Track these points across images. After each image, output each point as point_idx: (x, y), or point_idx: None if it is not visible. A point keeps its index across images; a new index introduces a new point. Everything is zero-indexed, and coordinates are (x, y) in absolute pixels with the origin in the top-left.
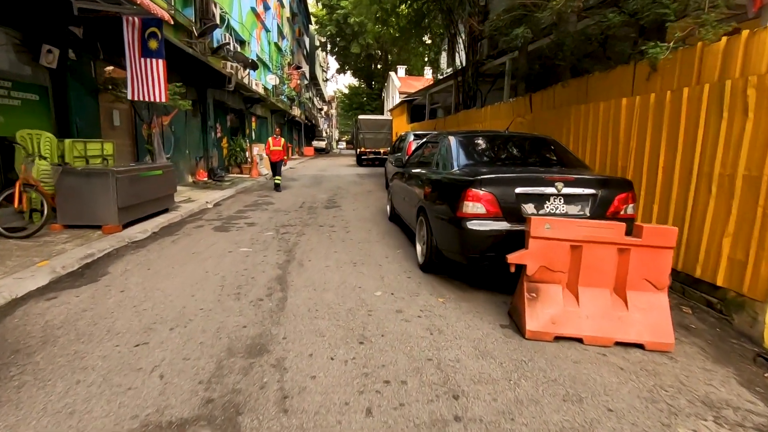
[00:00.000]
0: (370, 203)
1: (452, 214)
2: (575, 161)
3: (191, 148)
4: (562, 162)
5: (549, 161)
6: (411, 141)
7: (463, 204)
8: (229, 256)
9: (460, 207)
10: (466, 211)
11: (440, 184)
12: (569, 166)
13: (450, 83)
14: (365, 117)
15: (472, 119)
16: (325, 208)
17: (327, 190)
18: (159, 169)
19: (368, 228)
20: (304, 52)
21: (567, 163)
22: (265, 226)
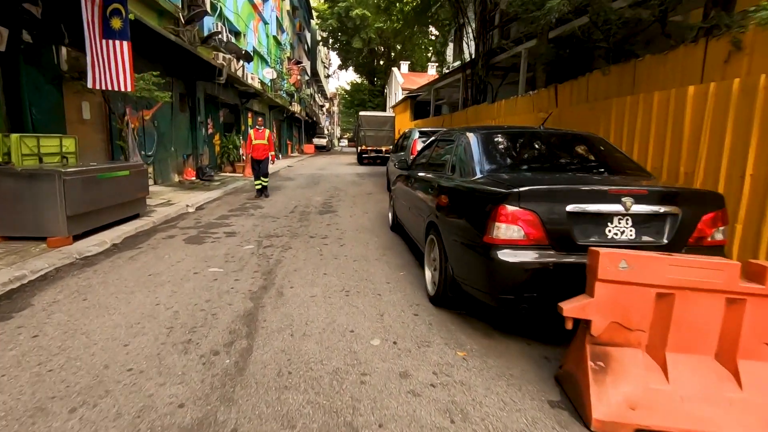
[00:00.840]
0: (369, 208)
1: (477, 238)
2: (632, 167)
3: (178, 145)
4: (615, 168)
5: (598, 166)
6: (416, 139)
7: (494, 225)
8: (193, 280)
9: (489, 229)
10: (498, 235)
11: (459, 196)
12: (626, 174)
13: (457, 77)
14: (367, 113)
15: (482, 115)
16: (320, 213)
17: (323, 191)
18: (125, 170)
19: (366, 240)
20: (305, 47)
21: (621, 169)
22: (247, 237)
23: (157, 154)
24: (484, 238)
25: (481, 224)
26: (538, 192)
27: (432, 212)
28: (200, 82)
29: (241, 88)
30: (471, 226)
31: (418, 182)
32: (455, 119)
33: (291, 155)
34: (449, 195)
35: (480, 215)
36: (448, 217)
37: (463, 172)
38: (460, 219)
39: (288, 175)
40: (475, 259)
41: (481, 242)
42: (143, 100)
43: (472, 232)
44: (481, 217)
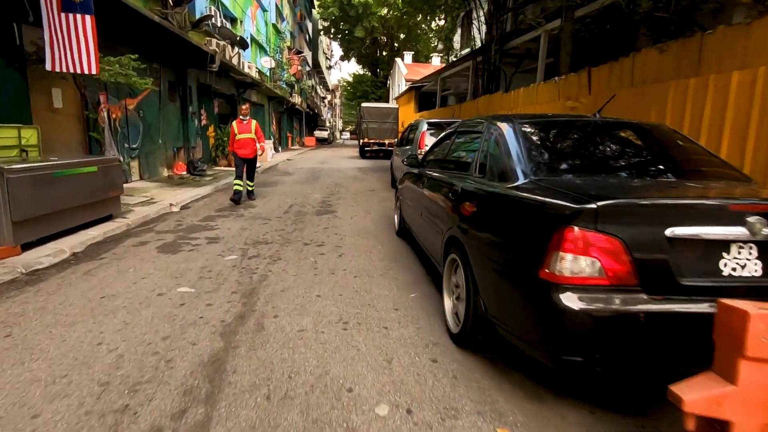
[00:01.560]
0: (372, 207)
1: (526, 271)
2: (726, 169)
3: (167, 137)
4: (705, 170)
5: (684, 169)
6: (424, 131)
7: (555, 256)
8: (155, 305)
9: (548, 260)
10: (561, 270)
11: (496, 207)
12: (725, 179)
13: (466, 65)
14: (369, 105)
15: (496, 106)
16: (317, 214)
17: (323, 187)
18: (92, 165)
19: (369, 248)
20: (307, 37)
21: (715, 173)
22: (231, 245)
23: (143, 147)
24: (539, 272)
25: (534, 251)
26: (625, 207)
27: (453, 224)
28: (192, 70)
29: (237, 77)
30: (516, 252)
31: (433, 183)
32: (464, 110)
33: (291, 148)
34: (480, 204)
35: (531, 238)
36: (478, 234)
37: (498, 173)
38: (498, 239)
39: (286, 170)
40: (523, 301)
41: (533, 277)
42: (125, 88)
43: (519, 260)
44: (534, 241)
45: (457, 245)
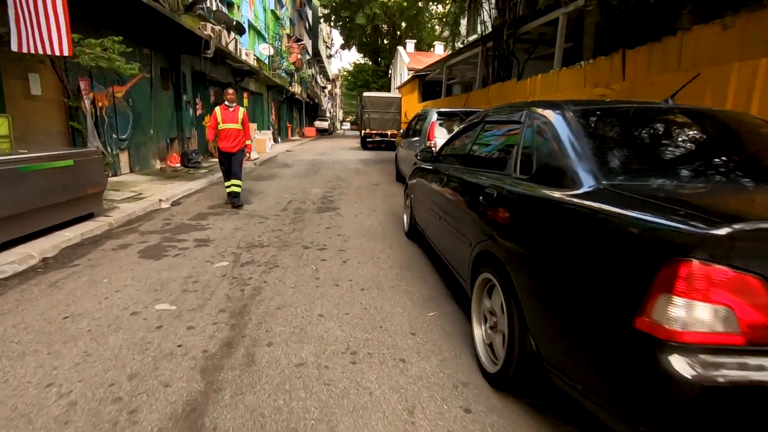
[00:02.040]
0: (377, 203)
1: (613, 316)
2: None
3: (160, 127)
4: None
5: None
6: (434, 121)
7: (665, 302)
8: (126, 329)
9: (651, 306)
10: (673, 321)
11: (560, 220)
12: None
13: (475, 51)
14: (371, 94)
15: (509, 94)
16: (318, 211)
17: (324, 181)
18: (67, 159)
19: (376, 252)
20: (306, 25)
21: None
22: (222, 248)
23: (132, 137)
24: (634, 320)
25: (626, 290)
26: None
27: (485, 235)
28: (186, 57)
29: (234, 64)
30: (595, 287)
31: (454, 183)
32: (473, 99)
33: (291, 139)
34: (528, 214)
35: (622, 271)
36: (528, 254)
37: (551, 175)
38: (562, 264)
39: (285, 161)
40: (605, 354)
41: (623, 326)
42: (112, 75)
43: (599, 298)
44: (627, 276)
45: (493, 263)
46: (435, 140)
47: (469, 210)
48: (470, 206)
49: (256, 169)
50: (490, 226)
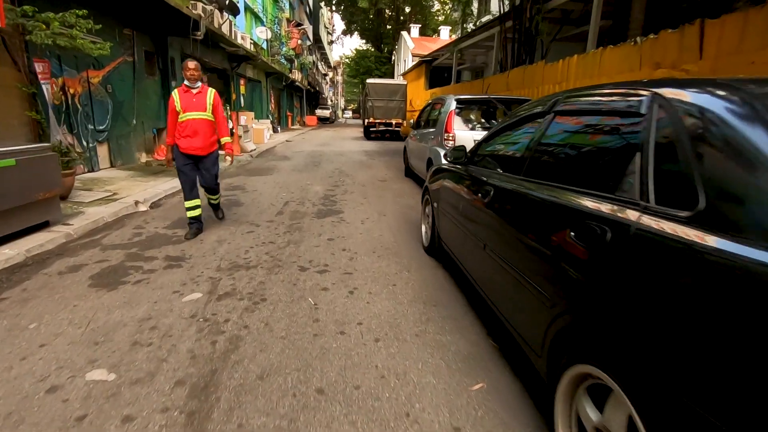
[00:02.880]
0: (386, 205)
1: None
2: None
3: (145, 116)
4: None
5: None
6: (452, 111)
7: None
8: (29, 421)
9: None
10: None
11: None
12: None
13: (490, 32)
14: (375, 81)
15: (535, 78)
16: (318, 215)
17: (325, 177)
18: (7, 157)
19: (391, 278)
20: (307, 9)
21: None
22: (198, 271)
23: (113, 128)
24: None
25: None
26: None
27: (583, 301)
28: (174, 39)
29: (229, 48)
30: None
31: (512, 199)
32: (492, 85)
33: (291, 128)
34: (711, 293)
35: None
36: (707, 375)
37: (750, 220)
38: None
39: (284, 153)
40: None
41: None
42: (87, 57)
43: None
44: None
45: (607, 357)
46: (454, 133)
47: (544, 248)
48: (545, 242)
49: (252, 161)
50: (598, 289)
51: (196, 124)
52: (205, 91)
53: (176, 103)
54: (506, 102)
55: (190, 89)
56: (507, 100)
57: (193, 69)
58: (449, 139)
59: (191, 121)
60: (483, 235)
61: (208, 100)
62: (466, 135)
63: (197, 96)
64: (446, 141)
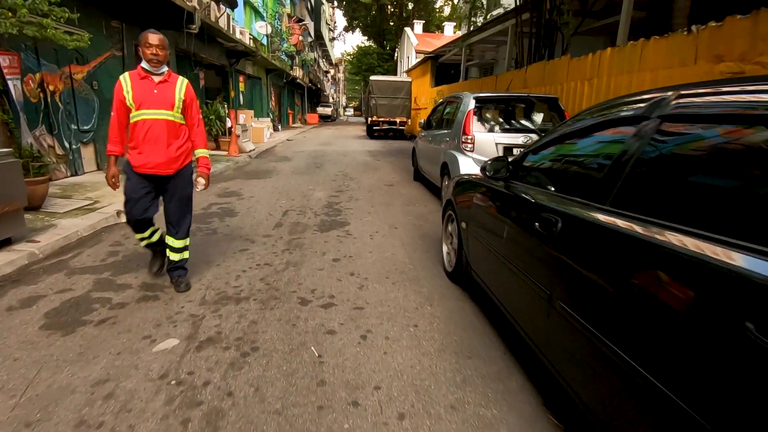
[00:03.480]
0: (396, 215)
1: None
2: None
3: None
4: None
5: None
6: (471, 110)
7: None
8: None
9: None
10: None
11: None
12: None
13: (503, 26)
14: (378, 78)
15: (558, 74)
16: (321, 228)
17: (328, 180)
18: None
19: (411, 314)
20: (309, 5)
21: None
22: (178, 304)
23: (100, 128)
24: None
25: None
26: None
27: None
28: (168, 33)
29: (227, 44)
30: None
31: (618, 249)
32: (501, 83)
33: (292, 126)
34: None
35: None
36: None
37: None
38: None
39: (285, 154)
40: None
41: None
42: (68, 51)
43: None
44: None
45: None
46: (473, 135)
47: (668, 325)
48: (669, 316)
49: (251, 162)
50: None
51: (158, 129)
52: (173, 81)
53: (126, 93)
54: (530, 100)
55: (149, 75)
56: (530, 99)
57: (156, 46)
58: (468, 141)
59: (149, 124)
60: (547, 282)
61: (177, 94)
62: (487, 138)
63: (161, 87)
64: (464, 144)
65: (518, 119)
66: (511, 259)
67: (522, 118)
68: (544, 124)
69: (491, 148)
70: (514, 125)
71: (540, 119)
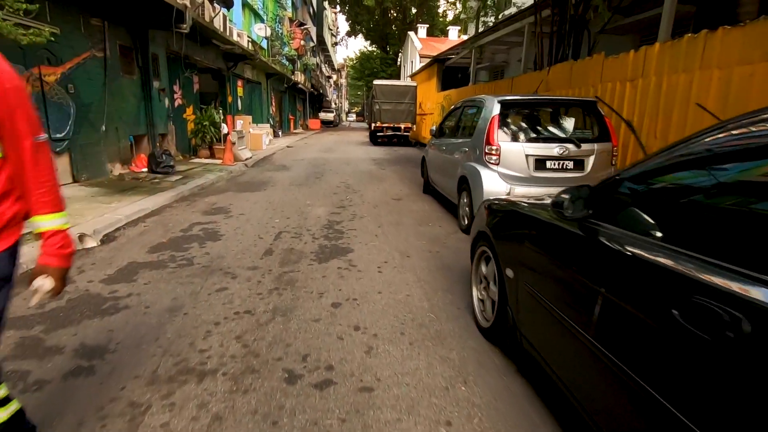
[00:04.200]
0: (408, 237)
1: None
2: None
3: (121, 121)
4: None
5: None
6: (496, 116)
7: None
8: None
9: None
10: None
11: None
12: None
13: (522, 23)
14: (382, 83)
15: (587, 76)
16: (318, 257)
17: (329, 192)
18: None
19: (441, 401)
20: (311, 10)
21: None
22: (118, 383)
23: (76, 136)
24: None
25: None
26: None
27: None
28: (157, 33)
29: (223, 46)
30: None
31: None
32: (519, 85)
33: (294, 132)
34: None
35: None
36: None
37: None
38: None
39: (283, 162)
40: None
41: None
42: (39, 50)
43: None
44: None
45: None
46: (498, 145)
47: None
48: None
49: (246, 172)
50: None
51: None
52: None
53: None
54: (564, 104)
55: None
56: (566, 102)
57: None
58: (492, 153)
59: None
60: (699, 415)
61: None
62: (515, 148)
63: None
64: (488, 156)
65: (549, 126)
66: (609, 352)
67: (553, 124)
68: (581, 131)
69: (520, 160)
70: (545, 133)
71: (572, 126)
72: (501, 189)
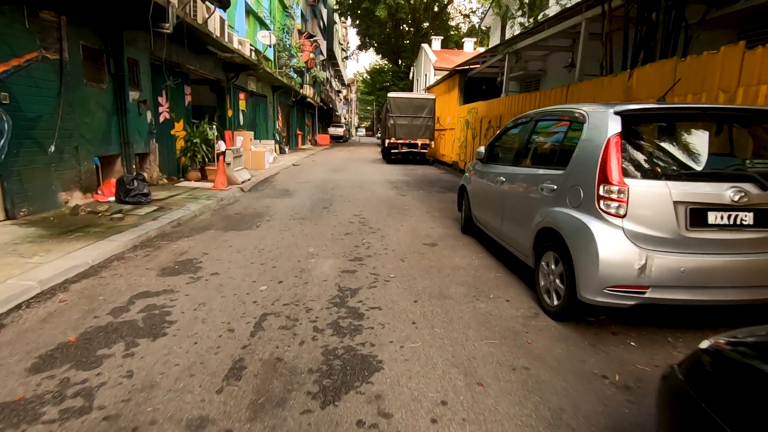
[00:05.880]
0: (466, 328)
1: None
2: None
3: (81, 140)
4: None
5: None
6: (614, 136)
7: None
8: None
9: None
10: None
11: None
12: None
13: (577, 20)
14: (398, 95)
15: (712, 77)
16: (321, 386)
17: (338, 234)
18: None
19: None
20: (321, 23)
21: None
22: None
23: (12, 159)
24: None
25: None
26: None
27: None
28: (138, 35)
29: (222, 54)
30: None
31: None
32: (576, 93)
33: (302, 147)
34: None
35: None
36: None
37: None
38: None
39: (286, 185)
40: None
41: None
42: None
43: None
44: None
45: None
46: (627, 186)
47: None
48: None
49: (239, 200)
50: None
51: None
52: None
53: None
54: (739, 116)
55: None
56: (738, 113)
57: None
58: (613, 198)
59: None
60: None
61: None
62: (655, 190)
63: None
64: (606, 202)
65: (707, 153)
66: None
67: (715, 150)
68: (762, 161)
69: (663, 210)
70: (703, 165)
71: (749, 152)
72: (630, 258)
